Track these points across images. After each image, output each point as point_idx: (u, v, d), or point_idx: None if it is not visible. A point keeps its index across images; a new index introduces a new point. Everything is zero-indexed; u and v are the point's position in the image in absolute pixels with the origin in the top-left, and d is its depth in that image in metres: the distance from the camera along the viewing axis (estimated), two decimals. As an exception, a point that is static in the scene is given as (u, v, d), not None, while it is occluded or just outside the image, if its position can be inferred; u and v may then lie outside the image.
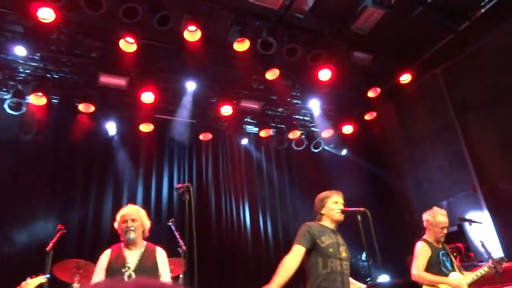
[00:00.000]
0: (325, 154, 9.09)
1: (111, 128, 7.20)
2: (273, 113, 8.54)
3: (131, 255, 3.48)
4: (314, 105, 8.40)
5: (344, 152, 9.13)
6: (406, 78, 7.65)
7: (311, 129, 8.90)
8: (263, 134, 8.21)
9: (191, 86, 7.27)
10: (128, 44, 5.84)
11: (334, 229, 3.72)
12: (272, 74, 6.99)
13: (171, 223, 4.97)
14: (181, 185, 3.67)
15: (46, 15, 5.24)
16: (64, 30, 6.20)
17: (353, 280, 3.81)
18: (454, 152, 7.50)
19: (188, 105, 7.53)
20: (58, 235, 4.43)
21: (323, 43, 6.78)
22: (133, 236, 3.48)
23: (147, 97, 6.83)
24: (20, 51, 6.08)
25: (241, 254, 7.57)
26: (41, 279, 3.91)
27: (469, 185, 7.13)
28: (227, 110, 7.54)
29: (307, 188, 8.29)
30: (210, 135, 7.83)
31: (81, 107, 6.64)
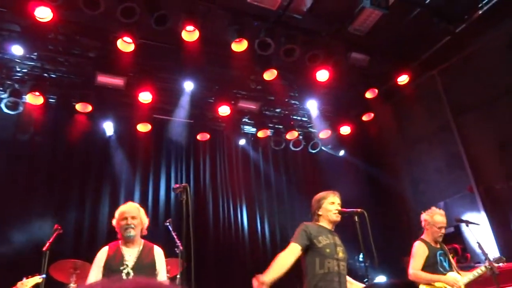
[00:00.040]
0: (323, 154, 9.10)
1: (109, 128, 7.19)
2: (270, 113, 8.54)
3: (129, 253, 3.48)
4: (312, 105, 8.41)
5: (341, 153, 9.15)
6: (403, 79, 7.67)
7: (309, 129, 8.91)
8: (260, 134, 8.21)
9: (189, 86, 7.26)
10: (125, 44, 5.83)
11: (332, 229, 3.73)
12: (270, 75, 7.00)
13: (168, 224, 4.97)
14: (178, 185, 3.67)
15: (44, 14, 5.22)
16: (61, 30, 6.18)
17: (351, 279, 3.81)
18: (451, 153, 7.52)
19: (185, 105, 7.53)
20: (55, 235, 4.41)
21: (321, 43, 6.79)
22: (133, 234, 3.49)
23: (145, 97, 6.81)
24: (17, 50, 6.07)
25: (238, 254, 7.56)
26: (37, 279, 3.91)
27: (466, 186, 7.15)
28: (224, 110, 7.54)
29: (304, 189, 8.30)
30: (208, 136, 7.82)
31: (79, 106, 6.63)
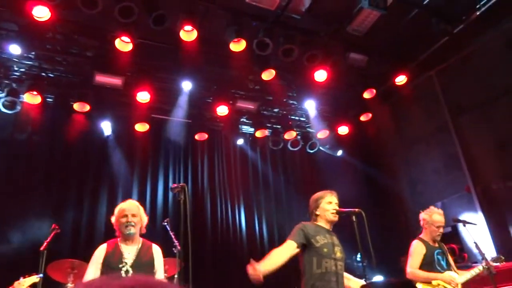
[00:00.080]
0: (321, 154, 9.10)
1: (107, 127, 7.17)
2: (269, 113, 8.54)
3: (128, 251, 3.47)
4: (310, 105, 8.41)
5: (339, 153, 9.15)
6: (401, 79, 7.68)
7: (307, 129, 8.92)
8: (258, 134, 8.21)
9: (187, 86, 7.25)
10: (123, 44, 5.82)
11: (330, 229, 3.74)
12: (268, 75, 7.00)
13: (166, 223, 4.97)
14: (176, 185, 3.67)
15: (42, 13, 5.21)
16: (59, 29, 6.17)
17: (350, 275, 3.82)
18: (449, 153, 7.54)
19: (184, 105, 7.52)
20: (52, 234, 4.41)
21: (319, 44, 6.79)
22: (133, 231, 3.49)
23: (143, 96, 6.80)
24: (14, 49, 6.05)
25: (236, 255, 7.56)
26: (34, 278, 3.91)
27: (464, 186, 7.17)
28: (223, 110, 7.54)
29: (302, 189, 8.30)
30: (206, 135, 7.81)
31: (76, 106, 6.61)
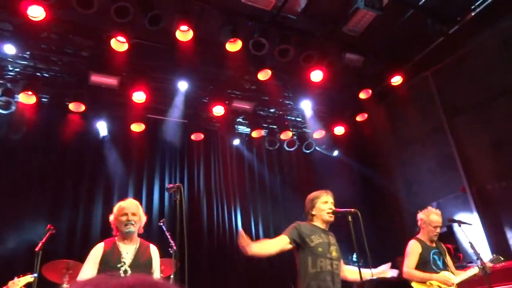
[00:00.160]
0: (317, 155, 9.11)
1: (102, 127, 7.14)
2: (265, 113, 8.55)
3: (127, 250, 3.45)
4: (306, 106, 8.42)
5: (335, 153, 9.17)
6: (397, 80, 7.70)
7: (303, 130, 8.92)
8: (255, 134, 8.21)
9: (183, 86, 7.24)
10: (119, 43, 5.80)
11: (326, 229, 3.74)
12: (264, 75, 7.00)
13: (162, 224, 4.96)
14: (172, 185, 3.66)
15: (36, 13, 5.18)
16: (54, 29, 6.14)
17: (351, 266, 3.84)
18: (444, 154, 7.57)
19: (179, 105, 7.51)
20: (48, 235, 4.39)
21: (315, 44, 6.80)
22: (132, 230, 3.47)
23: (139, 96, 6.79)
24: (9, 49, 6.02)
25: (232, 255, 7.55)
26: (28, 278, 3.90)
27: (459, 186, 7.20)
28: (219, 110, 7.53)
29: (298, 189, 8.30)
30: (202, 135, 7.80)
31: (72, 106, 6.58)
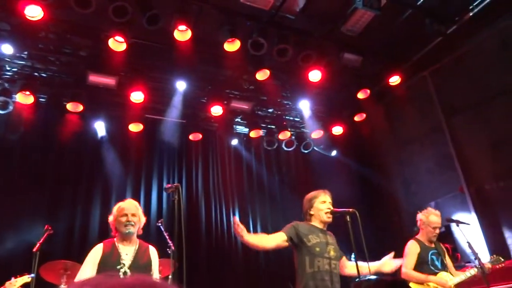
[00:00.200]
0: (315, 155, 9.11)
1: (100, 127, 7.12)
2: (263, 113, 8.54)
3: (126, 251, 3.43)
4: (304, 106, 8.42)
5: (333, 153, 9.17)
6: (395, 80, 7.70)
7: (301, 130, 8.92)
8: (253, 134, 8.20)
9: (181, 86, 7.23)
10: (117, 43, 5.79)
11: (323, 228, 3.74)
12: (262, 75, 6.99)
13: (160, 224, 4.95)
14: (170, 185, 3.65)
15: (34, 13, 5.17)
16: (52, 28, 6.11)
17: (363, 262, 3.83)
18: (442, 154, 7.57)
19: (178, 105, 7.49)
20: (45, 235, 4.38)
21: (313, 44, 6.79)
22: (132, 231, 3.46)
23: (137, 96, 6.77)
24: (7, 49, 5.99)
25: (230, 255, 7.55)
26: (26, 278, 3.89)
27: (457, 186, 7.21)
28: (217, 110, 7.52)
29: (297, 189, 8.30)
30: (200, 136, 7.79)
31: (69, 106, 6.56)
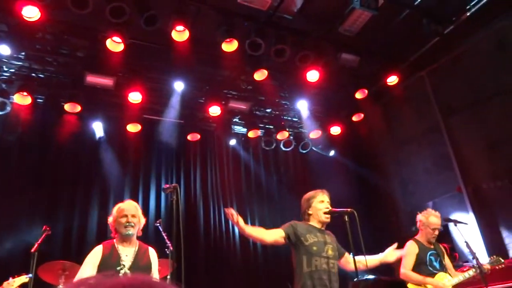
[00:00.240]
0: (313, 155, 9.12)
1: (98, 128, 7.12)
2: (261, 113, 8.54)
3: (126, 253, 3.42)
4: (302, 106, 8.43)
5: (331, 153, 9.18)
6: (393, 80, 7.71)
7: (299, 130, 8.93)
8: (251, 134, 8.20)
9: (179, 86, 7.23)
10: (115, 44, 5.78)
11: (322, 228, 3.75)
12: (260, 75, 6.99)
13: (158, 224, 4.96)
14: (168, 185, 3.65)
15: (31, 13, 5.15)
16: (49, 29, 6.10)
17: (371, 256, 3.85)
18: (440, 153, 7.59)
19: (176, 105, 7.49)
20: (43, 236, 4.37)
21: (311, 44, 6.80)
22: (132, 232, 3.45)
23: (135, 97, 6.76)
24: (4, 50, 5.97)
25: (228, 255, 7.56)
26: (23, 278, 3.89)
27: (455, 186, 7.22)
28: (215, 110, 7.52)
29: (295, 189, 8.31)
30: (198, 136, 7.79)
31: (67, 107, 6.55)
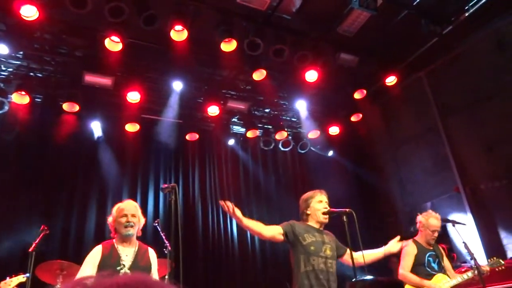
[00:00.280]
0: (312, 155, 9.12)
1: (96, 128, 7.10)
2: (260, 113, 8.54)
3: (126, 253, 3.41)
4: (301, 106, 8.43)
5: (330, 153, 9.18)
6: (391, 80, 7.72)
7: (298, 130, 8.93)
8: (250, 134, 8.20)
9: (177, 86, 7.22)
10: (113, 43, 5.78)
11: (320, 228, 3.75)
12: (259, 75, 7.00)
13: (156, 224, 4.95)
14: (166, 185, 3.64)
15: (29, 12, 5.14)
16: (48, 28, 6.09)
17: (370, 250, 3.85)
18: (438, 154, 7.61)
19: (174, 105, 7.48)
20: (41, 235, 4.36)
21: (310, 44, 6.80)
22: (132, 232, 3.44)
23: (133, 96, 6.76)
24: (2, 49, 5.95)
25: (226, 254, 7.55)
26: (21, 278, 3.89)
27: (453, 186, 7.24)
28: (214, 110, 7.52)
29: (293, 189, 8.32)
30: (197, 136, 7.79)
31: (65, 106, 6.54)
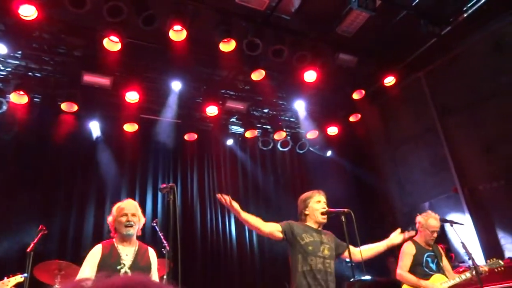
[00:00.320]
0: (310, 155, 9.13)
1: (95, 127, 7.10)
2: (258, 113, 8.55)
3: (126, 252, 3.41)
4: (300, 106, 8.44)
5: (329, 153, 9.19)
6: (390, 80, 7.73)
7: (297, 130, 8.94)
8: (248, 134, 8.20)
9: (176, 86, 7.22)
10: (112, 43, 5.77)
11: (319, 228, 3.76)
12: (258, 75, 7.00)
13: (155, 224, 4.96)
14: (165, 185, 3.64)
15: (28, 12, 5.14)
16: (46, 28, 6.08)
17: (371, 244, 3.87)
18: (436, 154, 7.62)
19: (173, 105, 7.48)
20: (39, 235, 4.36)
21: (308, 44, 6.81)
22: (132, 232, 3.43)
23: (132, 96, 6.75)
24: (1, 49, 5.95)
25: (225, 254, 7.56)
26: (18, 278, 3.89)
27: (451, 187, 7.25)
28: (212, 110, 7.52)
29: (292, 189, 8.33)
30: (196, 136, 7.78)
31: (64, 106, 6.53)
